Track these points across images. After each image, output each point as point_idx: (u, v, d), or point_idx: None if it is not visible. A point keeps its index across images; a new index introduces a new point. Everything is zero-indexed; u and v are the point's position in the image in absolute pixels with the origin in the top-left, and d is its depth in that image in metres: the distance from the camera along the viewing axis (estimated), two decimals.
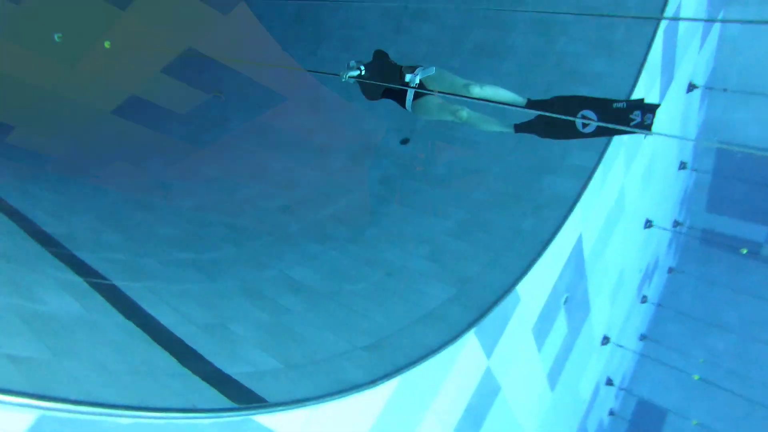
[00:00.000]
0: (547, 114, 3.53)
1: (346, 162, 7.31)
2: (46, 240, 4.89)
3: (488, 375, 5.71)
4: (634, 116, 3.45)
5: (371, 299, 5.19)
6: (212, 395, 3.25)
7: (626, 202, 8.26)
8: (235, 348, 3.99)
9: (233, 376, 3.55)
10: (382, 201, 6.68)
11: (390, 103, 4.20)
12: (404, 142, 7.35)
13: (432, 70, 3.89)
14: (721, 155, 15.52)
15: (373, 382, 4.03)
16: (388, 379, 4.17)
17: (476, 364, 5.47)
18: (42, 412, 2.46)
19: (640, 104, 3.41)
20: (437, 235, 6.08)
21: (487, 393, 5.79)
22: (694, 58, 10.26)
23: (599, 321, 9.26)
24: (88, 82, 7.83)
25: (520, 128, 3.88)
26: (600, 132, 3.48)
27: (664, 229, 12.43)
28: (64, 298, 3.81)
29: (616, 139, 6.54)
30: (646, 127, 3.40)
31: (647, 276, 13.08)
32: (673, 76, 8.79)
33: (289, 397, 3.52)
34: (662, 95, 8.34)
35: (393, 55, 4.27)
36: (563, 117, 3.51)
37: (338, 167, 7.30)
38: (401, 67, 3.96)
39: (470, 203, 6.36)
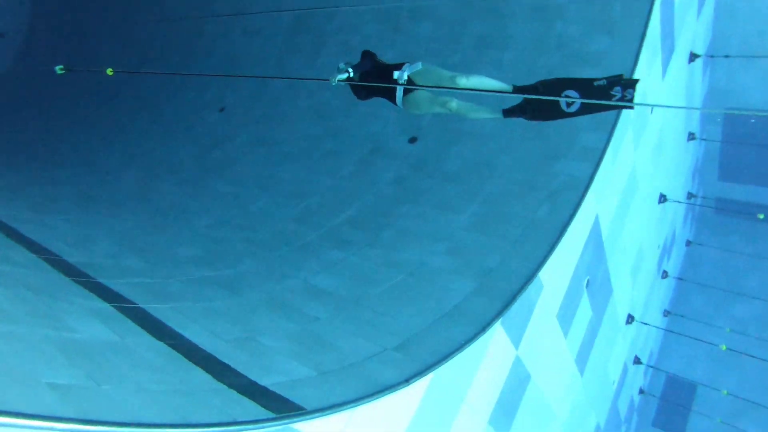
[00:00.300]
0: (533, 97, 3.68)
1: (356, 166, 7.33)
2: (69, 270, 4.95)
3: (518, 364, 5.72)
4: (615, 92, 3.58)
5: (395, 300, 5.20)
6: (250, 407, 3.29)
7: (639, 179, 8.22)
8: (266, 359, 4.03)
9: (268, 387, 3.58)
10: (395, 202, 6.69)
11: (392, 104, 4.25)
12: (412, 141, 7.37)
13: (419, 66, 4.00)
14: (728, 122, 15.41)
15: (406, 381, 4.05)
16: (421, 377, 4.19)
17: (505, 354, 5.48)
18: None
19: (619, 80, 3.53)
20: (454, 231, 6.08)
21: (517, 382, 5.80)
22: (693, 27, 10.19)
23: (622, 300, 9.23)
24: None
25: (508, 113, 3.99)
26: (584, 110, 3.63)
27: (679, 202, 12.35)
28: (94, 324, 3.86)
29: (624, 117, 6.52)
30: (627, 101, 3.54)
31: (666, 251, 12.99)
32: (673, 47, 8.73)
33: (325, 403, 3.54)
34: (665, 68, 8.30)
35: (394, 57, 4.30)
36: (548, 98, 3.62)
37: (348, 172, 7.32)
38: (389, 65, 4.08)
39: (484, 196, 6.36)
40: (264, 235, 6.59)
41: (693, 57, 10.81)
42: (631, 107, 3.77)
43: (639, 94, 3.57)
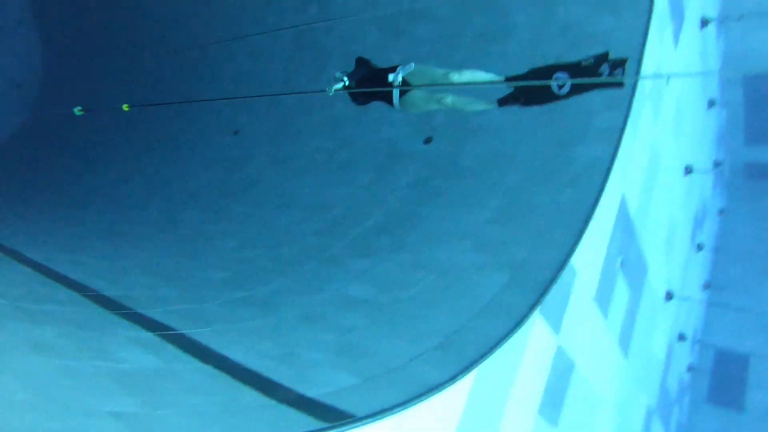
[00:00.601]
0: (524, 83, 3.85)
1: (374, 173, 7.42)
2: (109, 304, 5.13)
3: (560, 353, 5.72)
4: (602, 70, 3.71)
5: (430, 301, 5.27)
6: (302, 419, 3.38)
7: (661, 153, 8.16)
8: (310, 372, 4.13)
9: (317, 399, 3.68)
10: (417, 204, 6.76)
11: (391, 111, 4.40)
12: (427, 141, 7.43)
13: (411, 67, 4.16)
14: (749, 85, 15.13)
15: (452, 378, 4.11)
16: (466, 373, 4.24)
17: (546, 344, 5.50)
18: None
19: (605, 58, 3.66)
20: (479, 226, 6.12)
21: (562, 371, 5.80)
22: None
23: (659, 277, 9.14)
24: None
25: (502, 102, 4.13)
26: (574, 91, 3.76)
27: (706, 172, 12.17)
28: (140, 353, 4.01)
29: (639, 92, 6.50)
30: (615, 80, 3.70)
31: (698, 223, 12.81)
32: (683, 15, 8.67)
33: (374, 409, 3.62)
34: (676, 37, 8.24)
35: (399, 61, 4.40)
36: (536, 83, 3.83)
37: (367, 180, 7.42)
38: (383, 69, 4.24)
39: (505, 188, 6.39)
40: (291, 251, 6.71)
41: (705, 22, 10.69)
42: (621, 83, 3.86)
43: (652, 67, 3.60)
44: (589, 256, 6.09)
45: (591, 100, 6.05)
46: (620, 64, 3.64)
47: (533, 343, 5.22)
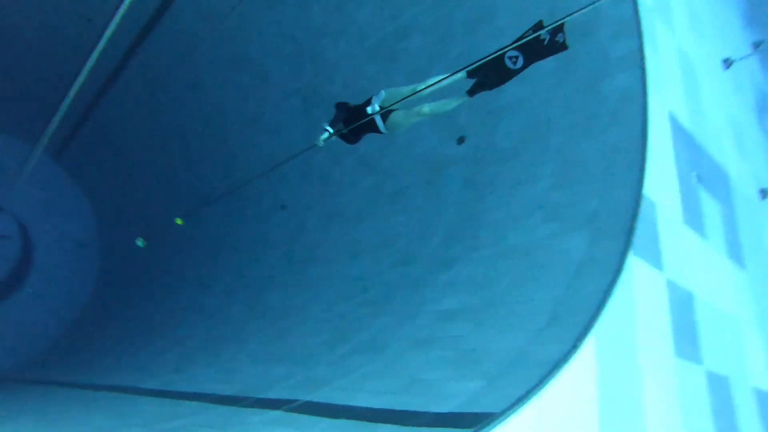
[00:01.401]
0: (482, 70, 4.25)
1: (423, 189, 7.55)
2: (231, 400, 5.42)
3: (673, 287, 5.55)
4: (543, 36, 4.19)
5: (523, 285, 5.26)
6: None
7: (692, 57, 7.92)
8: (437, 390, 4.19)
9: (453, 411, 3.73)
10: (476, 201, 6.81)
11: (424, 122, 4.71)
12: (461, 141, 7.52)
13: (382, 94, 4.58)
14: None
15: (574, 347, 4.07)
16: (585, 338, 4.20)
17: (654, 283, 5.35)
18: None
19: (541, 26, 4.06)
20: (542, 197, 6.11)
21: (682, 305, 5.61)
22: None
23: (744, 178, 8.70)
24: None
25: (472, 93, 4.52)
26: (528, 61, 4.26)
27: (747, 57, 11.62)
28: (277, 431, 4.21)
29: (643, 10, 6.40)
30: (560, 45, 4.17)
31: (763, 109, 12.16)
32: None
33: (510, 401, 3.64)
34: None
35: (403, 79, 4.65)
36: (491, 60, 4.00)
37: (420, 199, 7.55)
38: (360, 105, 4.66)
39: (552, 151, 6.37)
40: (376, 291, 6.87)
41: None
42: (566, 48, 4.26)
43: None
44: (661, 183, 5.94)
45: (597, 34, 6.03)
46: (560, 29, 4.12)
47: (640, 287, 5.10)
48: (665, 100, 6.52)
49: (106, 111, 13.22)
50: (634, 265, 5.07)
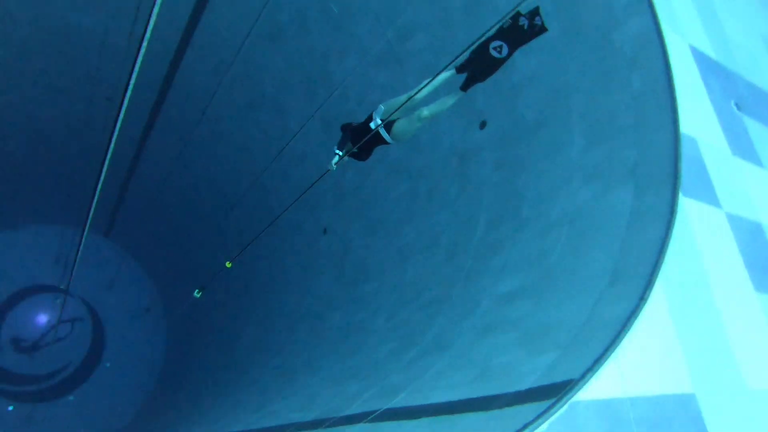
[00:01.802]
0: (471, 64, 4.55)
1: (457, 182, 7.54)
2: (315, 424, 5.50)
3: (735, 220, 5.33)
4: (522, 22, 4.40)
5: (576, 251, 5.16)
6: (529, 409, 3.39)
7: None
8: (512, 371, 4.14)
9: (532, 387, 3.68)
10: (510, 182, 6.74)
11: (443, 116, 5.04)
12: (483, 126, 7.49)
13: (381, 108, 4.83)
14: None
15: (642, 300, 3.96)
16: (652, 290, 4.07)
17: (714, 221, 5.16)
18: None
19: (518, 13, 4.31)
20: (576, 160, 6.00)
21: (751, 237, 5.37)
22: None
23: None
24: None
25: (465, 87, 4.76)
26: (512, 49, 4.52)
27: None
28: None
29: None
30: (539, 27, 4.45)
31: None
32: None
33: (587, 365, 3.56)
34: None
35: (414, 80, 4.80)
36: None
37: (455, 192, 7.53)
38: (363, 122, 4.91)
39: (578, 113, 6.27)
40: (432, 292, 6.86)
41: None
42: (546, 30, 4.56)
43: None
44: (698, 118, 5.75)
45: None
46: (536, 13, 4.39)
47: (700, 228, 4.92)
48: (684, 35, 6.33)
49: (141, 179, 13.81)
50: (688, 207, 4.91)
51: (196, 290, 8.72)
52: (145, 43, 3.33)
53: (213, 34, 10.38)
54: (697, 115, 5.61)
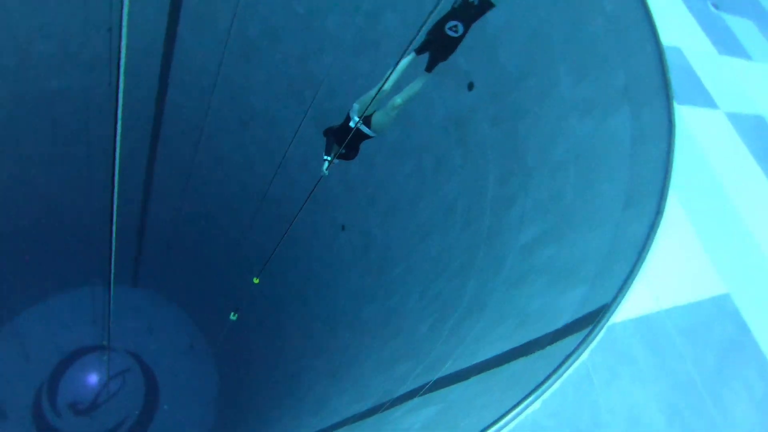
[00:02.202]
0: (430, 46, 4.84)
1: (460, 148, 7.62)
2: (373, 410, 5.67)
3: (736, 118, 5.35)
4: (472, 0, 4.68)
5: (587, 186, 5.23)
6: (570, 342, 3.50)
7: None
8: (546, 314, 4.25)
9: (569, 322, 3.79)
10: (509, 135, 6.80)
11: (432, 85, 5.19)
12: (471, 87, 7.54)
13: (356, 106, 5.13)
14: None
15: (658, 213, 4.03)
16: (666, 201, 4.14)
17: (714, 121, 5.18)
18: None
19: None
20: (568, 96, 6.04)
21: (755, 130, 5.38)
22: None
23: None
24: None
25: (429, 68, 5.04)
26: (467, 26, 4.75)
27: None
28: (419, 414, 4.40)
29: None
30: (488, 3, 4.77)
31: None
32: None
33: (616, 287, 3.66)
34: None
35: (395, 57, 4.97)
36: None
37: (459, 159, 7.62)
38: (342, 123, 5.20)
39: (557, 53, 6.30)
40: (457, 259, 6.98)
41: None
42: (493, 5, 4.90)
43: None
44: (678, 26, 5.76)
45: None
46: None
47: (701, 132, 4.96)
48: None
49: (155, 222, 14.12)
50: (686, 114, 4.95)
51: (231, 313, 8.98)
52: (121, 94, 3.44)
53: (189, 66, 10.58)
54: (676, 23, 5.62)
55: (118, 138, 4.27)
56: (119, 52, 3.28)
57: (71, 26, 9.25)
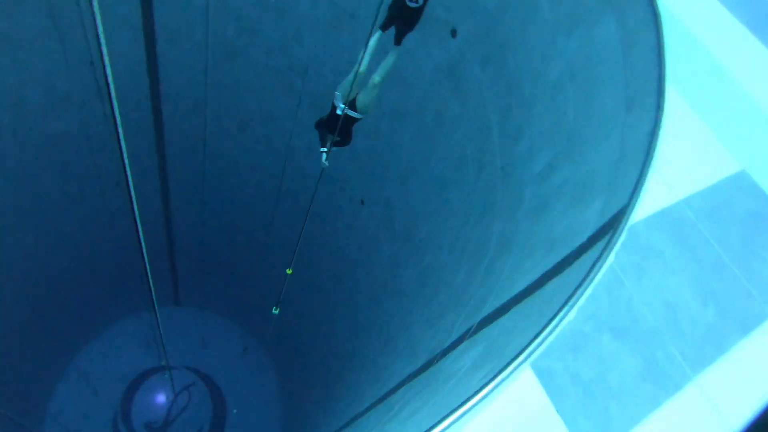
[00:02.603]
0: (394, 20, 5.08)
1: (456, 96, 7.64)
2: (425, 366, 5.87)
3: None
4: None
5: (587, 99, 5.24)
6: (594, 250, 3.58)
7: None
8: (575, 228, 4.33)
9: (593, 232, 3.87)
10: (501, 72, 6.79)
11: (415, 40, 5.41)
12: (454, 33, 7.51)
13: (338, 94, 5.41)
14: None
15: (659, 109, 4.05)
16: (664, 94, 4.15)
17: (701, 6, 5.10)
18: None
19: None
20: (549, 19, 6.00)
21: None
22: None
23: None
24: None
25: (398, 41, 5.33)
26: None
27: None
28: (471, 356, 4.54)
29: None
30: None
31: None
32: None
33: (632, 187, 3.71)
34: None
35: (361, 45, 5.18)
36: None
37: (458, 108, 7.64)
38: (330, 113, 5.55)
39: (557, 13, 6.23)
40: (478, 204, 7.07)
41: None
42: None
43: None
44: None
45: None
46: None
47: (688, 11, 4.88)
48: None
49: (181, 240, 14.46)
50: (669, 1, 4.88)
51: (273, 307, 9.25)
52: (120, 126, 3.58)
53: (177, 81, 10.71)
54: None
55: (128, 168, 4.42)
56: (107, 84, 3.40)
57: (54, 68, 9.43)
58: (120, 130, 3.67)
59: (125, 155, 4.01)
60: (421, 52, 7.82)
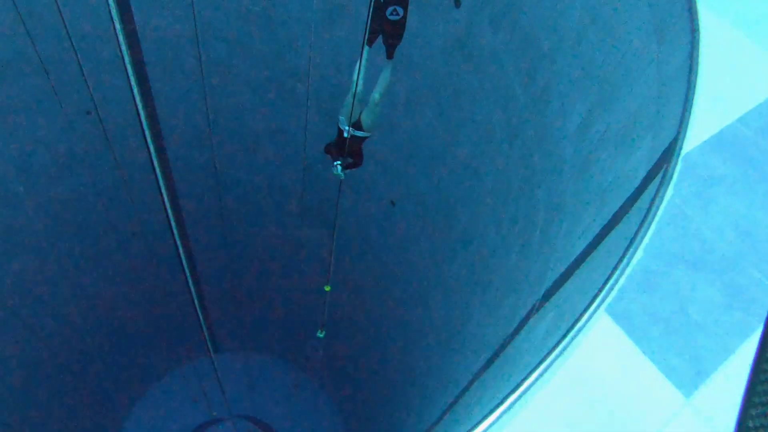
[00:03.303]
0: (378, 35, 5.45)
1: (473, 74, 7.79)
2: (503, 346, 6.00)
3: None
4: None
5: (613, 42, 5.35)
6: (650, 190, 3.70)
7: None
8: (622, 180, 4.44)
9: (645, 175, 3.97)
10: (519, 39, 6.93)
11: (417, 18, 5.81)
12: (458, 3, 7.67)
13: (341, 118, 5.92)
14: None
15: (694, 31, 4.15)
16: (697, 18, 4.25)
17: None
18: None
19: None
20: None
21: None
22: None
23: None
24: None
25: (389, 55, 5.71)
26: (404, 7, 5.25)
27: None
28: (544, 327, 4.68)
29: None
30: None
31: None
32: None
33: (678, 119, 3.82)
34: None
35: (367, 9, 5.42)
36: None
37: (477, 83, 7.79)
38: (338, 137, 6.07)
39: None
40: (517, 181, 7.19)
41: None
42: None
43: None
44: None
45: None
46: None
47: None
48: None
49: (208, 280, 14.83)
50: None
51: (318, 331, 9.47)
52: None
53: (176, 114, 11.08)
54: None
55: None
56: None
57: (53, 125, 9.91)
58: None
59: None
60: (426, 30, 8.00)
